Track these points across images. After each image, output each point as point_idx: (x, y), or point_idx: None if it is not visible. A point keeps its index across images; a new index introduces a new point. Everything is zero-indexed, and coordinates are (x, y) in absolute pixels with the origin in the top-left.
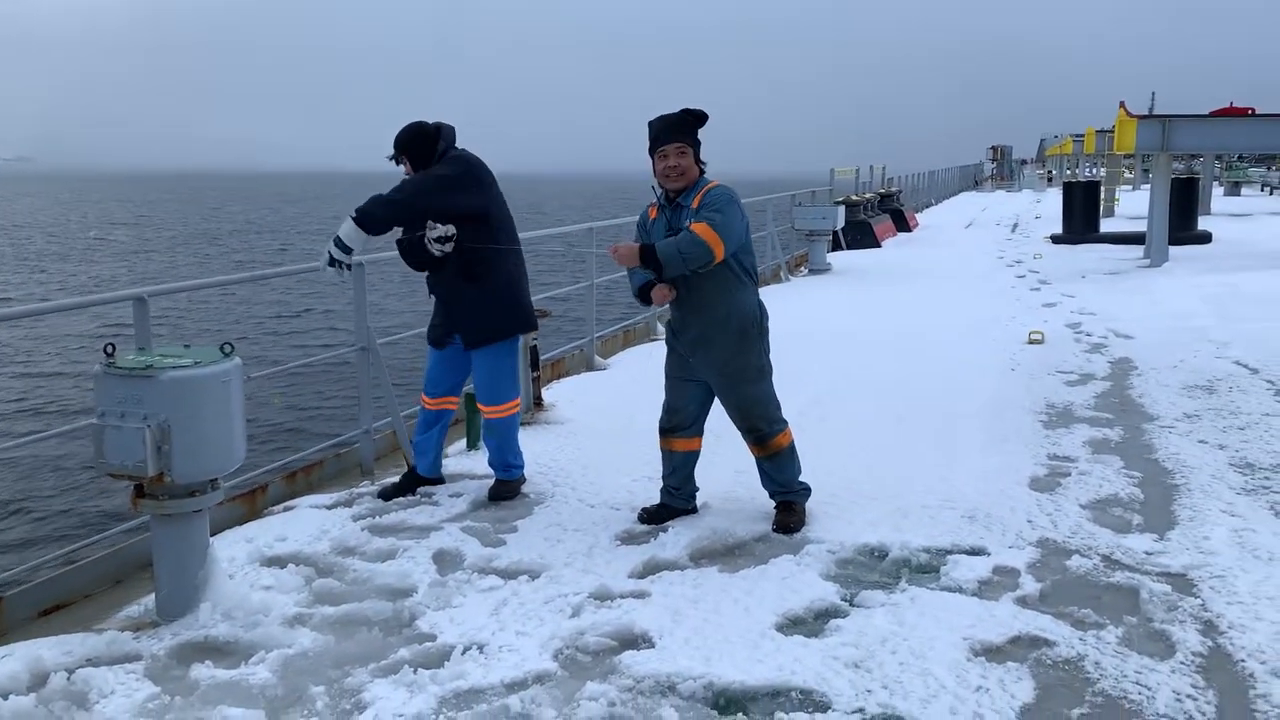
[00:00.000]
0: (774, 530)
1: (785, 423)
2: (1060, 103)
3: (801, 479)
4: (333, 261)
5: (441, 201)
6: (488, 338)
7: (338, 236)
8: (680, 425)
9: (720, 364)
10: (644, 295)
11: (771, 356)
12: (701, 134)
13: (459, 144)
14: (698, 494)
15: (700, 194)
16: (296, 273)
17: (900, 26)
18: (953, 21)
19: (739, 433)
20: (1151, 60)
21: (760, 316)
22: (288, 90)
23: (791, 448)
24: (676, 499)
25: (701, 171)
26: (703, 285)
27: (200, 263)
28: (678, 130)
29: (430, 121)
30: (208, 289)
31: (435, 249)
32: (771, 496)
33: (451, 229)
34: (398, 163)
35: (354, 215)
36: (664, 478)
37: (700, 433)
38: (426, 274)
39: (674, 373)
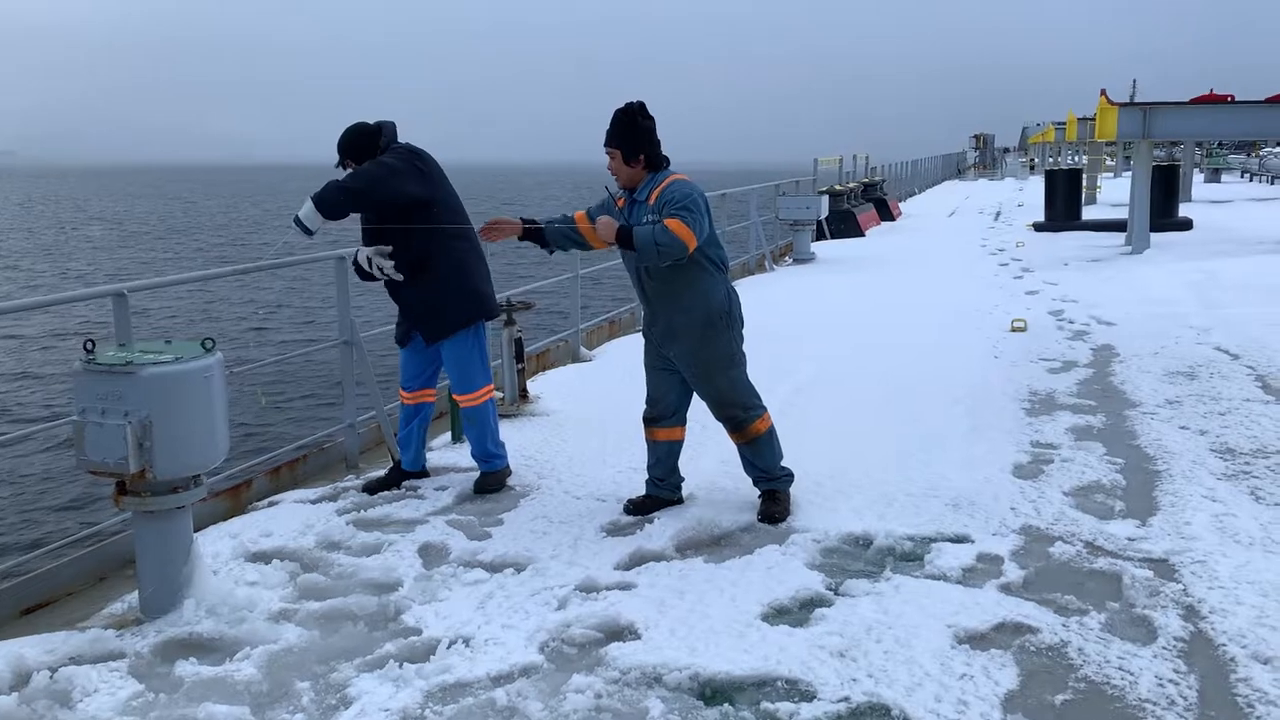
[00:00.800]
0: (759, 520)
1: (763, 408)
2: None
3: (784, 464)
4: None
5: (390, 189)
6: (445, 330)
7: (298, 216)
8: (661, 415)
9: (691, 354)
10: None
11: (757, 345)
12: (657, 127)
13: (401, 138)
14: (684, 484)
15: (658, 190)
16: (279, 267)
17: (882, 15)
18: (935, 9)
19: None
20: (1133, 48)
21: (730, 306)
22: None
23: (770, 433)
24: (662, 489)
25: (657, 165)
26: (672, 278)
27: (180, 258)
28: (609, 134)
29: (371, 121)
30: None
31: (386, 272)
32: (755, 484)
33: (384, 248)
34: (344, 166)
35: (313, 198)
36: (648, 468)
37: (683, 422)
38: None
39: (652, 363)
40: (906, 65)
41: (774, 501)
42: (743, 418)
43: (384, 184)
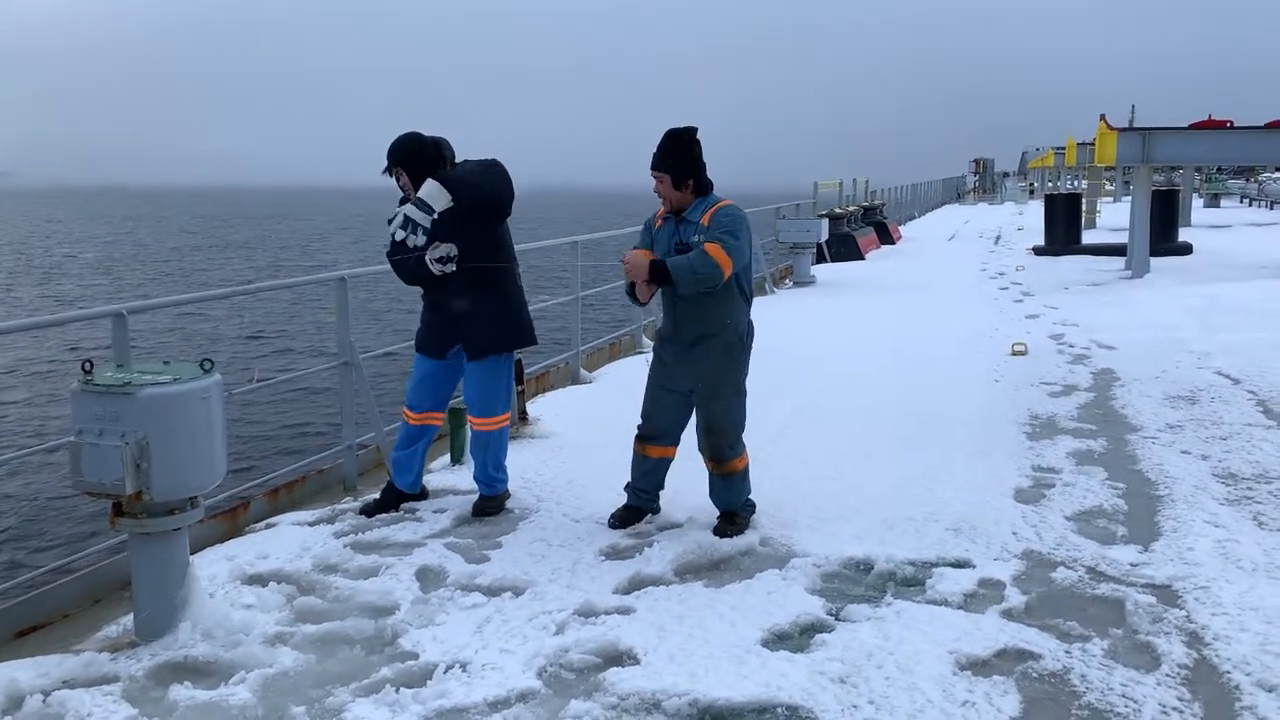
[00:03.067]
0: (713, 533)
1: (744, 447)
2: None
3: (749, 497)
4: (406, 222)
5: (503, 193)
6: (494, 349)
7: (420, 198)
8: (655, 435)
9: (704, 374)
10: (632, 292)
11: (757, 368)
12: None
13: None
14: (669, 500)
15: (711, 212)
16: (278, 288)
17: (882, 41)
18: (934, 35)
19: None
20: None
21: (749, 336)
22: (280, 105)
23: (745, 471)
24: (645, 499)
25: (705, 188)
26: (704, 299)
27: (178, 279)
28: (658, 159)
29: (425, 134)
30: (188, 305)
31: (435, 268)
32: (717, 506)
33: (454, 248)
34: (393, 175)
35: (441, 178)
36: (634, 480)
37: (675, 443)
38: (431, 288)
39: (657, 380)
40: (906, 90)
41: (730, 522)
42: (727, 452)
43: (508, 189)
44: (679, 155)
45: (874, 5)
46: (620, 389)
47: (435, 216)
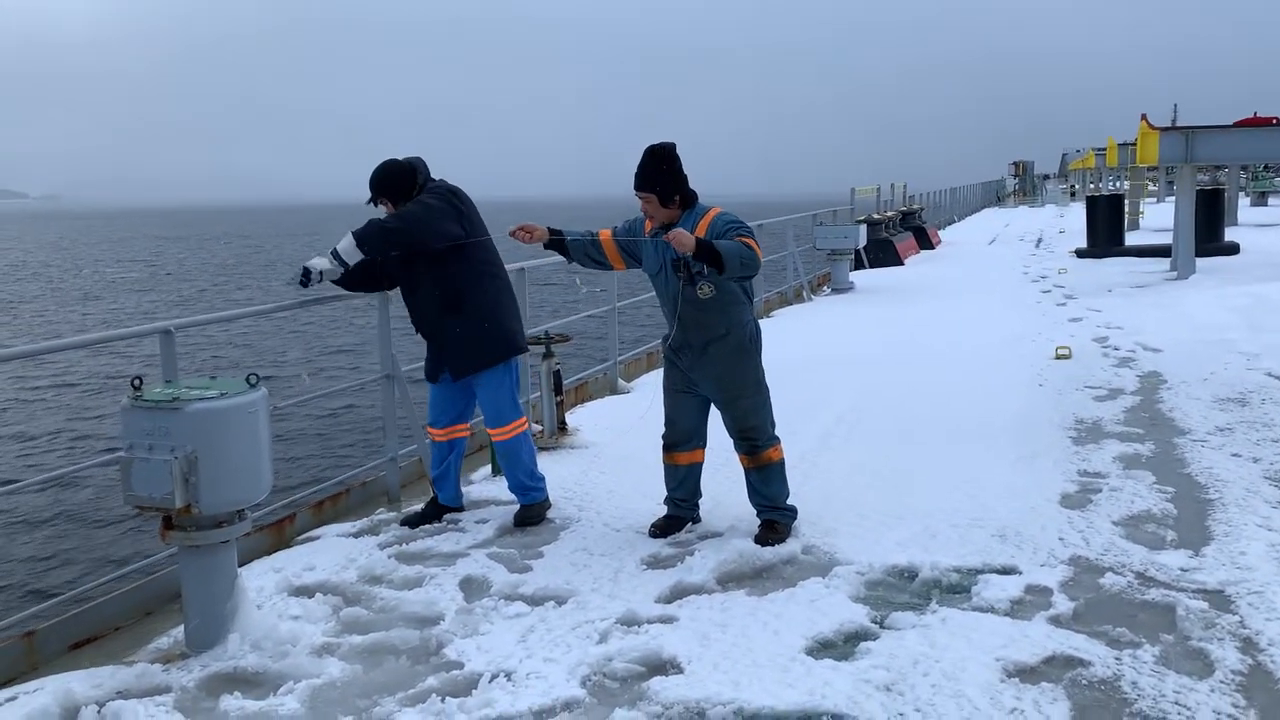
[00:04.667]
0: (754, 542)
1: (778, 439)
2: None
3: (790, 502)
4: (306, 276)
5: (431, 231)
6: (474, 366)
7: (336, 250)
8: (680, 440)
9: (722, 377)
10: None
11: (796, 375)
12: (681, 162)
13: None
14: (722, 515)
15: (706, 221)
16: (322, 302)
17: (917, 44)
18: (970, 37)
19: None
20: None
21: (756, 334)
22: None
23: (781, 465)
24: (683, 509)
25: (690, 200)
26: (709, 305)
27: (223, 295)
28: (641, 179)
29: (401, 158)
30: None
31: (312, 279)
32: (758, 513)
33: (329, 266)
34: (376, 204)
35: (355, 234)
36: (670, 490)
37: (702, 445)
38: (409, 312)
39: (673, 386)
40: (944, 94)
41: (772, 530)
42: (760, 443)
43: (425, 226)
44: (663, 173)
45: (910, 7)
46: (659, 398)
47: (348, 268)
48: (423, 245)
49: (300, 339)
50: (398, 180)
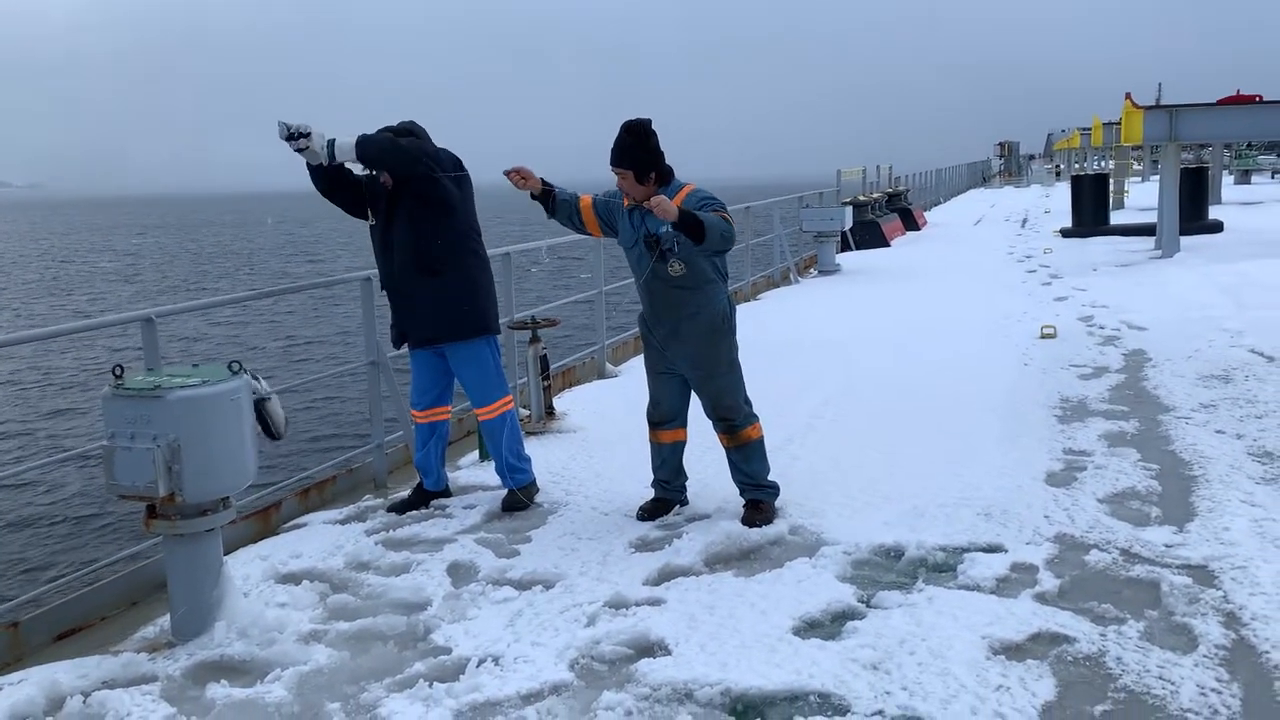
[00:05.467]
0: (742, 522)
1: (756, 417)
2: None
3: (771, 478)
4: (294, 135)
5: (431, 169)
6: (441, 337)
7: (334, 140)
8: (665, 418)
9: (696, 356)
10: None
11: (784, 357)
12: (661, 140)
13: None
14: (706, 494)
15: (679, 197)
16: (304, 289)
17: (903, 26)
18: (956, 19)
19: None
20: (1157, 51)
21: (730, 312)
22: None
23: (760, 442)
24: (669, 491)
25: (667, 176)
26: (682, 284)
27: (205, 284)
28: (617, 155)
29: (393, 125)
30: (215, 309)
31: (294, 146)
32: (741, 492)
33: (306, 127)
34: (377, 176)
35: (358, 138)
36: (654, 470)
37: (684, 424)
38: (378, 268)
39: (653, 367)
40: (929, 76)
41: (756, 510)
42: (737, 422)
43: (429, 161)
44: (640, 149)
45: None
46: (646, 382)
47: (329, 164)
48: (420, 173)
49: (283, 327)
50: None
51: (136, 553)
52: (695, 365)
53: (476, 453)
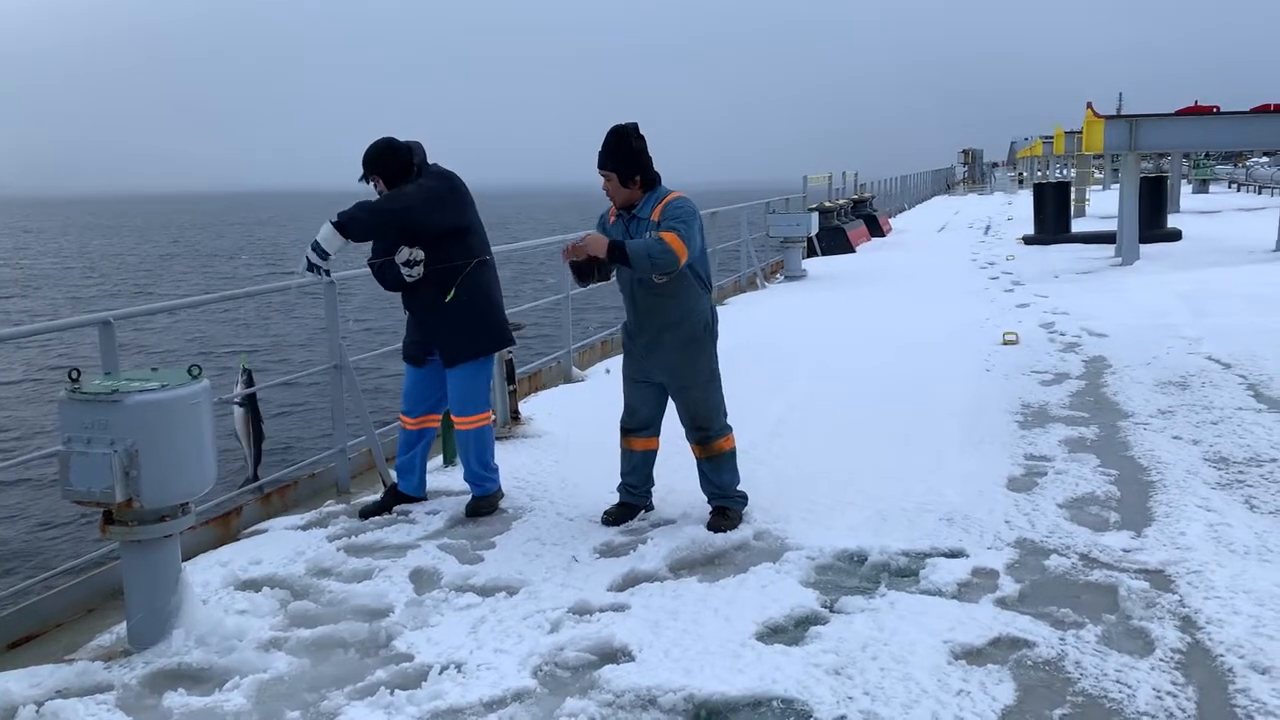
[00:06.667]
0: (707, 528)
1: (730, 428)
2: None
3: (741, 488)
4: (311, 266)
5: (426, 216)
6: (468, 355)
7: (316, 241)
8: (639, 426)
9: (675, 366)
10: (579, 271)
11: (750, 363)
12: (650, 146)
13: (430, 159)
14: (662, 497)
15: (660, 205)
16: (265, 293)
17: (869, 33)
18: (921, 28)
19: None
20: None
21: (712, 322)
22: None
23: (733, 454)
24: (636, 496)
25: (653, 182)
26: (663, 292)
27: (165, 287)
28: (604, 157)
29: (399, 139)
30: (175, 311)
31: (405, 273)
32: (709, 500)
33: (420, 253)
34: (368, 181)
35: (334, 220)
36: (623, 475)
37: (657, 433)
38: (401, 293)
39: (630, 375)
40: (894, 83)
41: (723, 516)
42: (712, 433)
43: (422, 210)
44: (624, 152)
45: (862, 3)
46: (612, 387)
47: (333, 257)
48: (415, 226)
49: (246, 329)
50: (395, 158)
51: (92, 559)
52: (676, 375)
53: (441, 457)
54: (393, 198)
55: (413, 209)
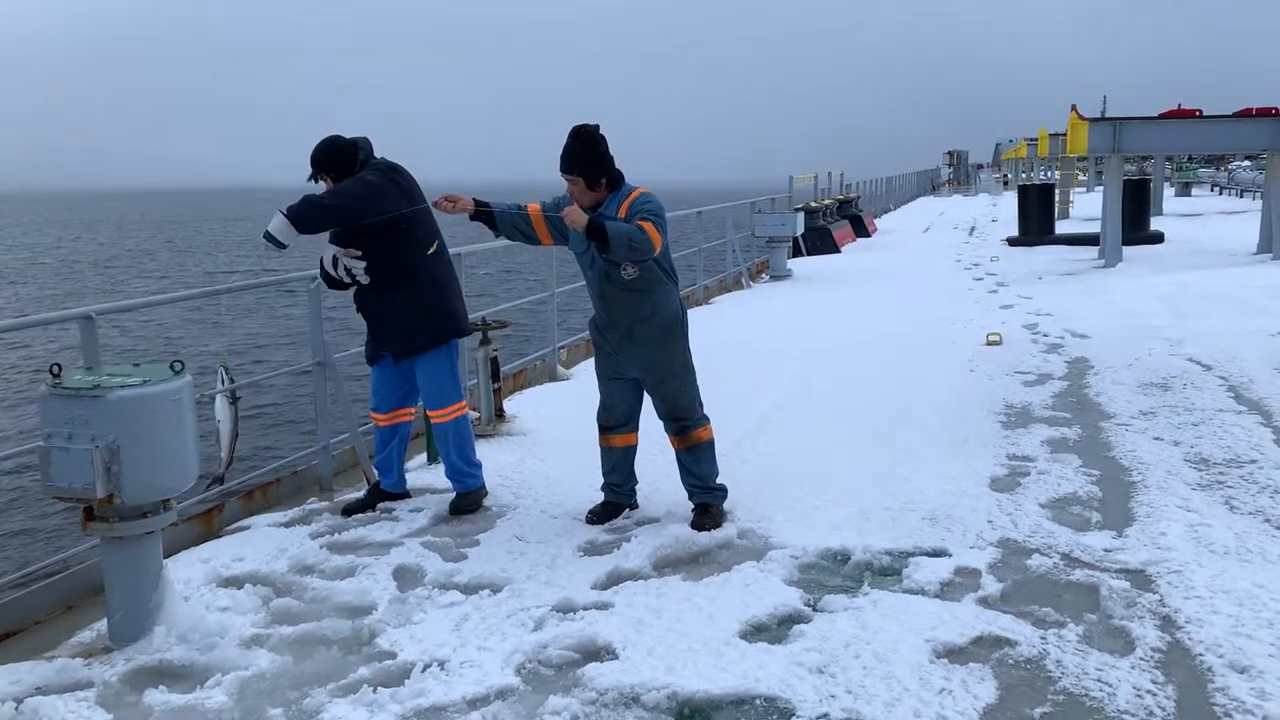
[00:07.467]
0: (690, 526)
1: (707, 419)
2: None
3: (720, 480)
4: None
5: (372, 208)
6: (416, 348)
7: (268, 231)
8: (617, 423)
9: (649, 359)
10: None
11: (735, 362)
12: (612, 145)
13: (378, 154)
14: (659, 498)
15: (626, 202)
16: (250, 288)
17: (855, 35)
18: (907, 29)
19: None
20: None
21: (682, 314)
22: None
23: (711, 444)
24: (620, 494)
25: (618, 182)
26: (633, 286)
27: (147, 282)
28: (567, 162)
29: (345, 136)
30: (158, 307)
31: (346, 277)
32: (690, 495)
33: (356, 253)
34: (317, 180)
35: (285, 212)
36: (605, 474)
37: (636, 429)
38: (353, 291)
39: (604, 372)
40: (880, 84)
41: (706, 514)
42: (690, 423)
43: (366, 203)
44: (589, 156)
45: (850, 2)
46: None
47: (288, 247)
48: (359, 221)
49: (229, 327)
50: (339, 156)
51: (73, 555)
52: (650, 368)
53: (425, 455)
54: (335, 193)
55: (357, 201)
